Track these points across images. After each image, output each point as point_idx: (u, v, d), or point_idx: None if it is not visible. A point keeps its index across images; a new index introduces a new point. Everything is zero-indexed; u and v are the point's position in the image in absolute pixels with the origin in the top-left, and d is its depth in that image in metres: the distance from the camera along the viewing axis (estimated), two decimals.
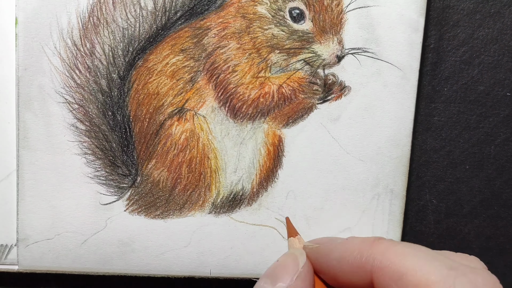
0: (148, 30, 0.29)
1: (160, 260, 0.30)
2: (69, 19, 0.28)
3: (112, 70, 0.29)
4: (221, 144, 0.30)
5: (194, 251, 0.30)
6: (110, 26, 0.28)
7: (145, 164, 0.30)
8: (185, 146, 0.29)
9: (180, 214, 0.30)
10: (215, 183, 0.30)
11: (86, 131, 0.29)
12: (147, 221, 0.30)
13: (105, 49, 0.29)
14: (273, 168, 0.30)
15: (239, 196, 0.30)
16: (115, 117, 0.29)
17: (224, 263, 0.30)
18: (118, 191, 0.30)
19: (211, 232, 0.30)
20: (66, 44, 0.28)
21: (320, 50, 0.29)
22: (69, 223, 0.30)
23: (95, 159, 0.29)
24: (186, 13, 0.29)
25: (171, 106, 0.29)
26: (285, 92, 0.29)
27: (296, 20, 0.29)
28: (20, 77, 0.28)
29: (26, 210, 0.29)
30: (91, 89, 0.29)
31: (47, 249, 0.30)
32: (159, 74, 0.29)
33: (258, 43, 0.29)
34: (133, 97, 0.29)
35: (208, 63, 0.29)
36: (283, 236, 0.30)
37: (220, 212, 0.30)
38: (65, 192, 0.29)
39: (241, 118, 0.30)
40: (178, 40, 0.29)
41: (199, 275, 0.30)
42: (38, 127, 0.29)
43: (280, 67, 0.29)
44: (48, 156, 0.29)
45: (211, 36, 0.29)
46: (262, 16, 0.29)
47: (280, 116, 0.30)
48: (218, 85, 0.29)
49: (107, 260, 0.30)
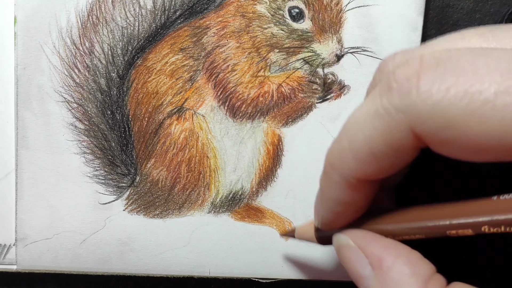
0: (147, 29, 0.29)
1: (159, 259, 0.30)
2: (68, 18, 0.28)
3: (111, 69, 0.29)
4: (220, 143, 0.30)
5: (193, 250, 0.30)
6: (109, 25, 0.28)
7: (144, 164, 0.29)
8: (184, 145, 0.29)
9: (179, 214, 0.30)
10: (214, 182, 0.30)
11: (85, 130, 0.29)
12: (146, 221, 0.30)
13: (104, 48, 0.29)
14: (272, 168, 0.30)
15: (238, 195, 0.30)
16: (114, 116, 0.29)
17: (223, 262, 0.30)
18: (117, 191, 0.29)
19: (210, 232, 0.30)
20: (65, 43, 0.28)
21: (319, 49, 0.29)
22: (68, 223, 0.29)
23: (94, 158, 0.29)
24: (186, 12, 0.29)
25: (170, 105, 0.29)
26: (284, 91, 0.29)
27: (296, 19, 0.29)
28: (19, 76, 0.28)
29: (24, 210, 0.29)
30: (90, 88, 0.29)
31: (45, 248, 0.30)
32: (158, 73, 0.29)
33: (257, 42, 0.29)
34: (132, 96, 0.29)
35: (207, 62, 0.29)
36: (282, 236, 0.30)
37: (220, 211, 0.30)
38: (64, 191, 0.29)
39: (241, 117, 0.30)
40: (178, 39, 0.29)
41: (198, 274, 0.30)
42: (37, 126, 0.29)
43: (280, 66, 0.29)
44: (47, 155, 0.29)
45: (211, 35, 0.29)
46: (262, 15, 0.29)
47: (279, 115, 0.30)
48: (218, 84, 0.29)
49: (106, 260, 0.30)
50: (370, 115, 0.18)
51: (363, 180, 0.19)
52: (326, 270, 0.30)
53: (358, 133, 0.18)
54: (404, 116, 0.17)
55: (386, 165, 0.19)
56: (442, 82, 0.16)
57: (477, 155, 0.16)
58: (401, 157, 0.18)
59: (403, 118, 0.17)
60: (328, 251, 0.30)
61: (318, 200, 0.23)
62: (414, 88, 0.16)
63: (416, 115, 0.16)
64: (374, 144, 0.18)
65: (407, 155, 0.18)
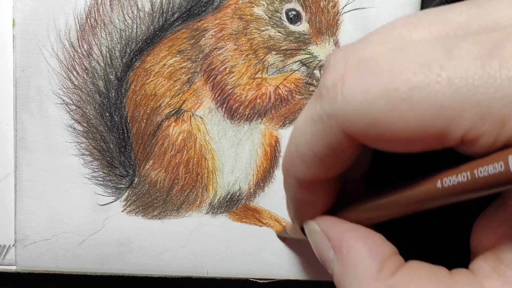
0: (145, 31, 0.29)
1: (158, 260, 0.30)
2: (66, 21, 0.28)
3: (110, 71, 0.29)
4: (218, 145, 0.30)
5: (192, 251, 0.30)
6: (107, 28, 0.29)
7: (142, 165, 0.30)
8: (182, 147, 0.30)
9: (177, 215, 0.30)
10: (212, 183, 0.30)
11: (84, 132, 0.29)
12: (145, 222, 0.30)
13: (103, 51, 0.29)
14: (270, 169, 0.30)
15: (236, 196, 0.30)
16: (113, 118, 0.29)
17: (221, 263, 0.30)
18: (116, 192, 0.30)
19: (208, 233, 0.30)
20: (63, 45, 0.28)
21: (316, 51, 0.29)
22: (67, 224, 0.30)
23: (92, 160, 0.29)
24: (183, 15, 0.29)
25: (169, 107, 0.29)
26: (282, 93, 0.30)
27: (293, 21, 0.29)
28: (17, 78, 0.29)
29: (24, 211, 0.29)
30: (89, 90, 0.29)
31: (45, 249, 0.30)
32: (157, 75, 0.29)
33: (255, 44, 0.29)
34: (131, 98, 0.29)
35: (205, 64, 0.29)
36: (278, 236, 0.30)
37: (217, 212, 0.30)
38: (63, 192, 0.29)
39: (238, 119, 0.30)
40: (175, 42, 0.29)
41: (196, 275, 0.30)
42: (35, 128, 0.29)
43: (277, 68, 0.29)
44: (45, 157, 0.29)
45: (208, 37, 0.29)
46: (259, 17, 0.29)
47: (277, 117, 0.30)
48: (215, 86, 0.29)
49: (104, 261, 0.30)
50: (308, 121, 0.19)
51: (315, 181, 0.20)
52: (323, 270, 0.30)
53: (301, 138, 0.19)
54: (334, 120, 0.18)
55: (332, 165, 0.20)
56: (362, 84, 0.17)
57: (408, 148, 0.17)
58: (343, 156, 0.19)
59: (334, 122, 0.18)
60: None
61: (286, 201, 0.24)
62: (339, 93, 0.17)
63: (344, 119, 0.17)
64: (316, 148, 0.19)
65: (348, 154, 0.19)
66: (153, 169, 0.30)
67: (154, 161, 0.30)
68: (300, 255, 0.30)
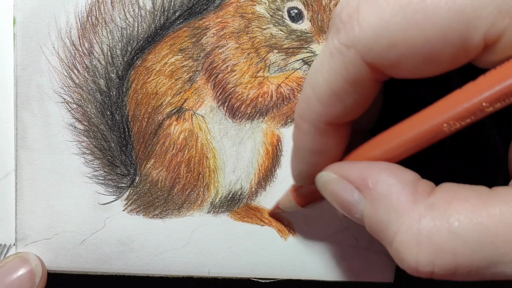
0: (146, 29, 0.29)
1: (159, 259, 0.30)
2: (67, 19, 0.28)
3: (111, 69, 0.29)
4: (219, 143, 0.30)
5: (193, 250, 0.30)
6: (108, 26, 0.28)
7: (143, 164, 0.30)
8: (183, 145, 0.29)
9: (178, 214, 0.30)
10: (213, 182, 0.30)
11: (85, 131, 0.29)
12: (146, 221, 0.30)
13: (104, 49, 0.29)
14: (271, 168, 0.30)
15: (237, 195, 0.30)
16: (114, 116, 0.29)
17: (222, 262, 0.30)
18: (117, 191, 0.30)
19: (210, 232, 0.30)
20: (64, 43, 0.28)
21: (318, 49, 0.29)
22: (68, 223, 0.30)
23: (93, 158, 0.29)
24: (185, 13, 0.29)
25: (170, 105, 0.29)
26: (283, 91, 0.29)
27: (295, 19, 0.29)
28: (18, 76, 0.28)
29: (24, 210, 0.29)
30: (90, 89, 0.29)
31: (45, 248, 0.30)
32: (158, 73, 0.29)
33: (256, 43, 0.29)
34: (132, 97, 0.29)
35: (206, 63, 0.29)
36: (281, 235, 0.30)
37: (219, 211, 0.30)
38: (64, 191, 0.29)
39: (240, 118, 0.30)
40: (177, 40, 0.29)
41: (197, 274, 0.30)
42: (36, 126, 0.29)
43: (279, 67, 0.29)
44: (46, 155, 0.29)
45: (210, 35, 0.29)
46: (261, 15, 0.29)
47: (278, 116, 0.30)
48: (217, 85, 0.29)
49: (105, 260, 0.30)
50: (326, 58, 0.19)
51: (332, 123, 0.20)
52: (325, 270, 0.30)
53: (318, 76, 0.19)
54: (354, 50, 0.18)
55: (350, 104, 0.19)
56: (377, 8, 0.17)
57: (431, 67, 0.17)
58: (362, 92, 0.19)
59: (354, 52, 0.18)
60: (328, 251, 0.30)
61: (293, 156, 0.23)
62: (355, 22, 0.18)
63: (363, 46, 0.18)
64: (334, 84, 0.19)
65: (367, 90, 0.19)
66: (154, 168, 0.30)
67: (155, 160, 0.29)
68: (302, 255, 0.30)
